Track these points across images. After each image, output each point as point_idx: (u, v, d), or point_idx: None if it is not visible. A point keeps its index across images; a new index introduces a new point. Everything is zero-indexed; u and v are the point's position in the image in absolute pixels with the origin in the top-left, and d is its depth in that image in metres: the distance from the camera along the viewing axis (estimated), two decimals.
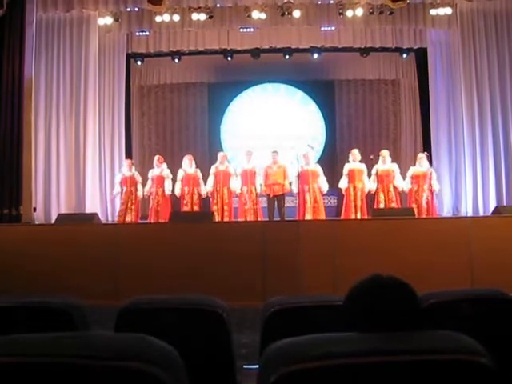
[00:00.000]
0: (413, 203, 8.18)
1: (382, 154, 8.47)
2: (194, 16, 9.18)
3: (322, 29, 10.00)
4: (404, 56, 11.22)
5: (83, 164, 8.97)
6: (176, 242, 5.74)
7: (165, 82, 12.07)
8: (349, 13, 9.08)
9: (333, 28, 9.92)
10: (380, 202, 8.25)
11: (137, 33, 10.18)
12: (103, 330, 1.13)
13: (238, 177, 8.52)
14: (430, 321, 1.31)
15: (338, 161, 11.01)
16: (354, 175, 8.33)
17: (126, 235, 6.04)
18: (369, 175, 8.41)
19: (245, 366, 2.38)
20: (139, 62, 11.38)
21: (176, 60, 11.31)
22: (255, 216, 8.33)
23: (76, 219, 6.97)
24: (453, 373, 0.99)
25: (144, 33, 10.13)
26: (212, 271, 5.48)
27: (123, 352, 0.94)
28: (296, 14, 9.07)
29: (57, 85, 8.97)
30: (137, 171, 9.02)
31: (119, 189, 8.88)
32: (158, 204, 8.63)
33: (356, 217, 8.04)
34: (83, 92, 9.02)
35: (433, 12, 9.18)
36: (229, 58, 11.09)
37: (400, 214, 6.80)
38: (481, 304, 1.80)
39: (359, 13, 9.06)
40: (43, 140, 8.75)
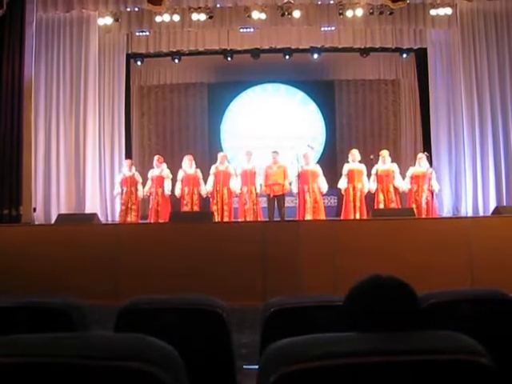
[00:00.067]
0: (412, 203, 8.17)
1: (382, 154, 8.47)
2: (194, 16, 9.18)
3: (322, 29, 9.99)
4: (404, 56, 11.21)
5: (83, 164, 8.97)
6: (176, 242, 5.74)
7: (165, 83, 12.07)
8: (349, 13, 9.09)
9: (333, 28, 9.92)
10: (380, 203, 8.25)
11: (137, 33, 10.17)
12: (103, 330, 1.13)
13: (238, 177, 8.52)
14: (430, 321, 1.31)
15: (338, 161, 11.01)
16: (354, 175, 8.33)
17: (126, 235, 6.05)
18: (368, 175, 8.40)
19: (245, 366, 2.38)
20: (139, 62, 11.38)
21: (176, 60, 11.31)
22: (255, 216, 8.32)
23: (76, 219, 6.98)
24: (453, 373, 0.99)
25: (144, 33, 10.13)
26: (212, 271, 5.48)
27: (123, 352, 0.94)
28: (296, 14, 9.08)
29: (57, 85, 8.96)
30: (137, 171, 9.02)
31: (119, 189, 8.88)
32: (158, 204, 8.63)
33: (355, 217, 8.04)
34: (83, 92, 9.02)
35: (433, 12, 9.19)
36: (229, 58, 11.09)
37: (400, 215, 6.80)
38: (481, 304, 1.80)
39: (359, 13, 9.07)
40: (43, 140, 8.75)
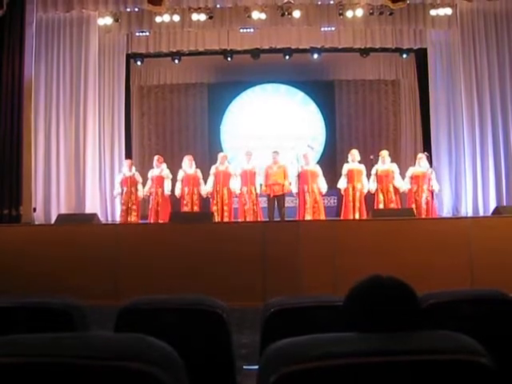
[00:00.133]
0: (412, 204, 8.17)
1: (382, 155, 8.46)
2: (194, 16, 9.18)
3: (322, 29, 9.99)
4: (404, 56, 11.21)
5: (83, 164, 8.97)
6: (176, 243, 5.74)
7: (165, 83, 12.08)
8: (349, 13, 9.09)
9: (333, 28, 9.92)
10: (379, 203, 8.24)
11: (137, 33, 10.17)
12: (103, 331, 1.12)
13: (238, 177, 8.52)
14: (430, 321, 1.31)
15: (338, 161, 11.01)
16: (353, 175, 8.33)
17: (126, 235, 6.04)
18: (368, 175, 8.40)
19: (245, 367, 2.38)
20: (139, 63, 11.38)
21: (176, 60, 11.31)
22: (255, 216, 8.32)
23: (76, 219, 6.98)
24: (453, 373, 0.99)
25: (144, 33, 10.13)
26: (212, 271, 5.48)
27: (123, 352, 0.94)
28: (296, 15, 9.07)
29: (57, 85, 8.96)
30: (137, 171, 9.02)
31: (120, 189, 8.88)
32: (158, 204, 8.63)
33: (354, 217, 8.04)
34: (83, 92, 9.02)
35: (433, 12, 9.18)
36: (229, 59, 11.09)
37: (400, 215, 6.80)
38: (481, 304, 1.80)
39: (359, 13, 9.07)
40: (43, 140, 8.74)
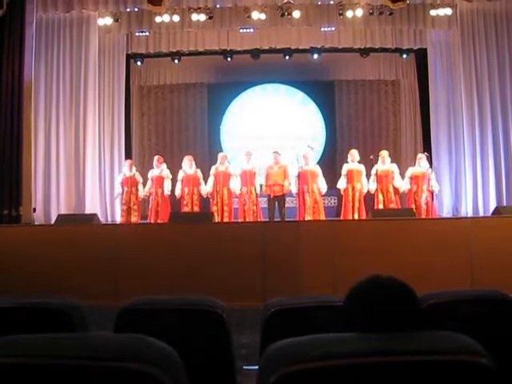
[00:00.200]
0: (412, 204, 8.17)
1: (382, 155, 8.46)
2: (194, 16, 9.18)
3: (322, 29, 10.00)
4: (404, 56, 11.22)
5: (83, 164, 8.97)
6: (176, 243, 5.73)
7: (165, 83, 12.08)
8: (349, 13, 9.09)
9: (333, 28, 9.93)
10: (379, 203, 8.25)
11: (137, 33, 10.18)
12: (103, 331, 1.12)
13: (238, 177, 8.52)
14: (430, 321, 1.31)
15: (338, 161, 11.01)
16: (353, 176, 8.32)
17: (126, 236, 6.05)
18: (368, 176, 8.40)
19: (245, 367, 2.38)
20: (139, 63, 11.38)
21: (176, 60, 11.31)
22: (255, 217, 8.32)
23: (76, 220, 6.98)
24: (453, 373, 0.99)
25: (144, 33, 10.13)
26: (212, 271, 5.48)
27: (123, 353, 0.94)
28: (296, 15, 9.08)
29: (57, 85, 8.96)
30: (137, 171, 9.02)
31: (120, 189, 8.88)
32: (158, 204, 8.63)
33: (354, 218, 8.04)
34: (83, 92, 9.02)
35: (433, 12, 9.19)
36: (229, 59, 11.10)
37: (400, 215, 6.79)
38: (481, 305, 1.80)
39: (359, 13, 9.07)
40: (43, 140, 8.75)
